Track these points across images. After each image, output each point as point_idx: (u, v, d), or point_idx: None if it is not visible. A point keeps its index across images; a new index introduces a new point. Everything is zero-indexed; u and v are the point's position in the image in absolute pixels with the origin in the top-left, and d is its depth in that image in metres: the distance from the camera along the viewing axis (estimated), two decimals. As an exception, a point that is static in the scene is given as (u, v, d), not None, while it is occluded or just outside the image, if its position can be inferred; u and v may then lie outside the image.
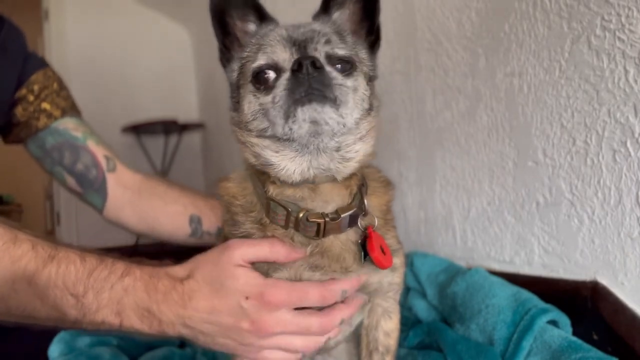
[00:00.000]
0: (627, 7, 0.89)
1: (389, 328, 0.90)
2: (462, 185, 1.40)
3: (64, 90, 1.38)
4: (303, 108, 0.68)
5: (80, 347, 1.11)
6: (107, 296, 0.81)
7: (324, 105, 0.68)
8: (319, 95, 0.68)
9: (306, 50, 0.73)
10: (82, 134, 1.34)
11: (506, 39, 1.18)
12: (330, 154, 0.74)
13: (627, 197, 0.93)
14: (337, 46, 0.76)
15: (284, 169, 0.75)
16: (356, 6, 0.83)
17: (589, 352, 0.85)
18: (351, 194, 0.79)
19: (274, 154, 0.75)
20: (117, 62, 4.79)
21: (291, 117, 0.69)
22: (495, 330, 0.99)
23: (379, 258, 0.77)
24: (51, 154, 1.33)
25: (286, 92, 0.69)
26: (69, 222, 4.90)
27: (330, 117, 0.69)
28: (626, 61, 0.90)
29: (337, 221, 0.76)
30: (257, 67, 0.75)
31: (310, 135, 0.71)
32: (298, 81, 0.68)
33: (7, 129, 1.35)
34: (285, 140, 0.73)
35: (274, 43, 0.75)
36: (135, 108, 4.73)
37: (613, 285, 0.96)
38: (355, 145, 0.77)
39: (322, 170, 0.75)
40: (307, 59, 0.68)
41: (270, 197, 0.77)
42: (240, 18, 0.84)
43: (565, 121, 1.05)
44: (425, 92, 1.52)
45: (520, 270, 1.21)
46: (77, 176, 1.33)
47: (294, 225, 0.77)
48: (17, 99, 1.31)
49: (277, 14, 0.85)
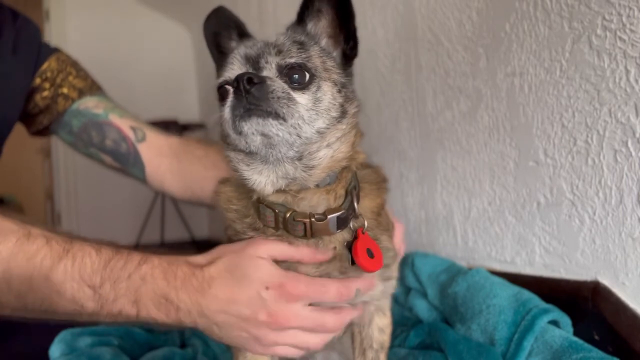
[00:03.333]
0: (628, 7, 0.89)
1: (383, 324, 0.91)
2: (463, 185, 1.40)
3: (80, 72, 1.39)
4: (246, 123, 0.70)
5: (81, 347, 1.11)
6: (125, 285, 0.80)
7: (266, 118, 0.70)
8: (256, 109, 0.70)
9: (258, 65, 0.76)
10: (103, 110, 1.34)
11: (507, 38, 1.18)
12: (293, 163, 0.76)
13: (628, 197, 0.93)
14: (288, 55, 0.76)
15: (255, 183, 0.77)
16: (331, 14, 0.83)
17: (590, 353, 0.85)
18: (336, 197, 0.80)
19: (246, 167, 0.78)
20: (118, 62, 4.79)
21: (241, 131, 0.71)
22: (496, 330, 0.99)
23: (363, 262, 0.77)
24: (81, 136, 1.34)
25: (229, 109, 0.72)
26: (69, 222, 4.91)
27: (278, 129, 0.71)
28: (627, 61, 0.90)
29: (323, 222, 0.77)
30: (218, 84, 0.79)
31: (265, 147, 0.73)
32: (238, 98, 0.70)
33: (29, 119, 1.36)
34: (249, 153, 0.76)
35: (233, 61, 0.79)
36: (135, 108, 4.70)
37: (614, 286, 0.96)
38: (319, 152, 0.76)
39: (289, 180, 0.76)
40: (242, 76, 0.69)
41: (259, 200, 0.80)
42: (227, 37, 0.88)
43: (566, 121, 1.04)
44: (426, 92, 1.52)
45: (521, 271, 1.21)
46: (110, 153, 1.33)
47: (283, 226, 0.78)
48: (33, 88, 1.32)
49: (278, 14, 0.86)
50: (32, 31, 1.35)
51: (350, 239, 0.81)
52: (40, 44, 1.36)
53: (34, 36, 1.35)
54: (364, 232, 0.81)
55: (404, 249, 1.07)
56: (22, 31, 1.30)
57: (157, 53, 5.09)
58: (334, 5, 0.82)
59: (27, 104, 1.33)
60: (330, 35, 0.85)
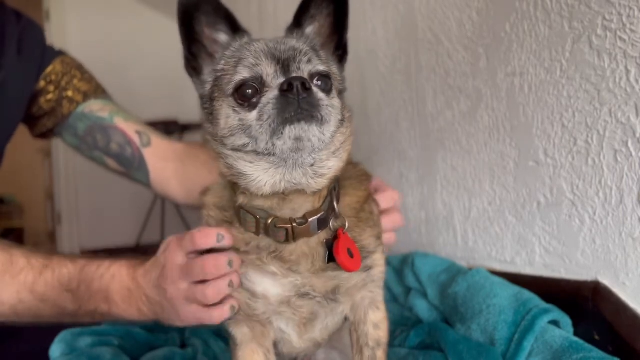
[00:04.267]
0: (629, 7, 0.88)
1: (377, 319, 0.90)
2: (463, 185, 1.40)
3: (85, 74, 1.39)
4: (291, 127, 0.70)
5: (81, 348, 1.11)
6: (97, 285, 0.93)
7: (311, 124, 0.71)
8: (307, 115, 0.70)
9: (289, 69, 0.75)
10: (108, 113, 1.34)
11: (507, 38, 1.18)
12: (305, 169, 0.77)
13: (628, 197, 0.93)
14: (317, 64, 0.77)
15: (255, 180, 0.76)
16: (327, 21, 0.85)
17: (591, 353, 0.85)
18: (320, 199, 0.81)
19: (249, 164, 0.77)
20: (119, 62, 4.80)
21: (277, 134, 0.71)
22: (496, 330, 0.99)
23: (344, 262, 0.78)
24: (85, 139, 1.34)
25: (276, 111, 0.70)
26: (69, 222, 4.91)
27: (314, 135, 0.72)
28: (627, 61, 0.90)
29: (304, 226, 0.79)
30: (241, 80, 0.75)
31: (292, 151, 0.73)
32: (287, 101, 0.70)
33: (33, 121, 1.36)
34: (265, 154, 0.74)
35: (257, 57, 0.76)
36: (136, 108, 4.70)
37: (614, 286, 0.96)
38: (329, 162, 0.79)
39: (293, 184, 0.77)
40: (297, 80, 0.70)
41: (240, 206, 0.80)
42: (210, 26, 0.83)
43: (567, 121, 1.04)
44: (426, 92, 1.52)
45: (521, 271, 1.20)
46: (115, 157, 1.34)
47: (264, 232, 0.79)
48: (38, 91, 1.32)
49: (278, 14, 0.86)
50: (36, 33, 1.34)
51: (330, 237, 0.81)
52: (44, 46, 1.35)
53: (38, 39, 1.34)
54: (344, 232, 0.81)
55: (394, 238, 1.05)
56: (26, 33, 1.30)
57: (157, 53, 5.08)
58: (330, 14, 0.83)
59: (31, 107, 1.33)
60: (321, 42, 0.86)
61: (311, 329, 0.88)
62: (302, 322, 0.86)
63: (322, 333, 0.91)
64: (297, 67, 0.76)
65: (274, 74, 0.75)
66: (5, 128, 1.30)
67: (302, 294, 0.82)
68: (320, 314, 0.87)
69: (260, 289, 0.82)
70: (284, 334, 0.89)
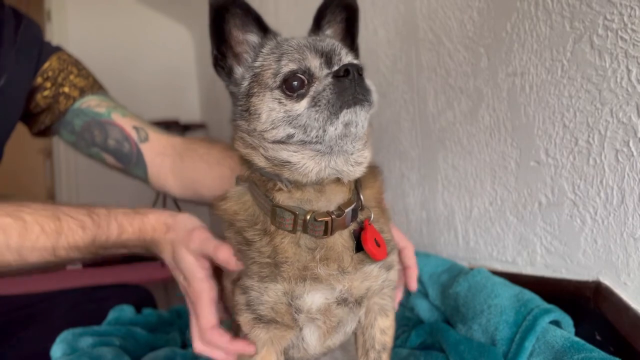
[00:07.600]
0: (630, 7, 0.88)
1: (385, 325, 0.91)
2: (464, 185, 1.40)
3: (82, 70, 1.39)
4: (347, 110, 0.73)
5: (82, 348, 1.12)
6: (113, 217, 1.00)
7: (363, 108, 0.74)
8: (362, 99, 0.74)
9: (332, 61, 0.79)
10: (105, 109, 1.33)
11: (508, 38, 1.18)
12: (347, 157, 0.79)
13: (629, 197, 0.93)
14: (353, 57, 0.82)
15: (302, 167, 0.78)
16: (340, 26, 0.91)
17: (592, 353, 0.84)
18: (350, 190, 0.83)
19: (293, 153, 0.78)
20: (119, 62, 4.80)
21: (332, 119, 0.73)
22: (497, 330, 0.99)
23: (373, 250, 0.80)
24: (83, 135, 1.34)
25: (335, 95, 0.73)
26: (70, 222, 4.90)
27: (362, 120, 0.75)
28: (628, 61, 0.90)
29: (342, 217, 0.80)
30: (289, 71, 0.77)
31: (339, 137, 0.75)
32: (344, 86, 0.73)
33: (31, 118, 1.36)
34: (312, 142, 0.76)
35: (301, 51, 0.79)
36: (136, 108, 4.69)
37: (616, 286, 0.96)
38: (364, 152, 0.82)
39: (335, 172, 0.79)
40: (353, 67, 0.73)
41: (277, 204, 0.80)
42: (240, 28, 0.86)
43: (568, 121, 1.04)
44: (427, 92, 1.52)
45: (522, 271, 1.20)
46: (112, 153, 1.33)
47: (302, 228, 0.79)
48: (35, 88, 1.32)
49: (279, 14, 0.86)
50: (33, 30, 1.34)
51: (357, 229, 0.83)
52: (42, 43, 1.35)
53: (35, 35, 1.34)
54: (370, 223, 0.83)
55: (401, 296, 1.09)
56: (23, 30, 1.30)
57: (158, 53, 5.09)
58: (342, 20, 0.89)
59: (28, 104, 1.33)
60: None
61: (335, 335, 0.88)
62: (328, 329, 0.86)
63: (340, 339, 0.91)
64: (339, 59, 0.79)
65: (319, 65, 0.78)
66: (5, 125, 1.30)
67: (340, 301, 0.83)
68: (347, 321, 0.87)
69: (307, 303, 0.81)
70: (301, 340, 0.88)
